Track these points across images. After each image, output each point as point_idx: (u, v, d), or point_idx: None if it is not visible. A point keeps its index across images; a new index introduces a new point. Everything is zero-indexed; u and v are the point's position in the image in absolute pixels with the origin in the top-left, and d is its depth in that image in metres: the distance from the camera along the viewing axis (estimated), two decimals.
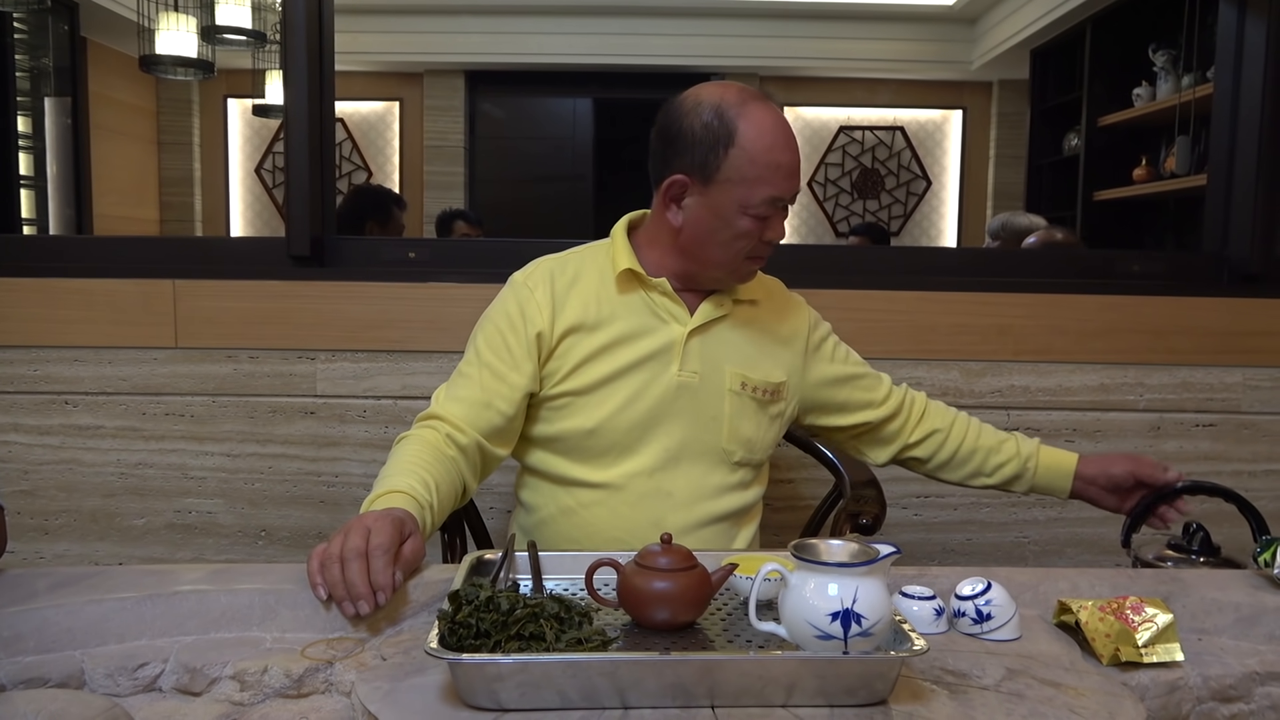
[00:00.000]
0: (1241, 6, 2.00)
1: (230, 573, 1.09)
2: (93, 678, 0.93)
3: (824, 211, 6.30)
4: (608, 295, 1.38)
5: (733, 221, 1.31)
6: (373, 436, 1.92)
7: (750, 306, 1.43)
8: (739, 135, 1.28)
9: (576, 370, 1.36)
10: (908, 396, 1.53)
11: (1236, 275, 2.00)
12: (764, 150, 1.28)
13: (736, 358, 1.40)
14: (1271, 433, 1.97)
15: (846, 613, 0.85)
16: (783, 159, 1.30)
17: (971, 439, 1.50)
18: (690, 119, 1.30)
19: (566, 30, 5.74)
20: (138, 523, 1.95)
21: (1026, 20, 5.15)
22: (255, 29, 3.65)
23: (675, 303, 1.38)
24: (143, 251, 2.01)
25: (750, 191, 1.29)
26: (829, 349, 1.50)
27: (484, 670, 0.83)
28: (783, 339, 1.45)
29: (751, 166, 1.28)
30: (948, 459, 1.51)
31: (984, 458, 1.49)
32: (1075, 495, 1.47)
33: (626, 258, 1.38)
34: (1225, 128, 2.02)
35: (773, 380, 1.41)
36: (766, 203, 1.30)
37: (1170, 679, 0.95)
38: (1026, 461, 1.47)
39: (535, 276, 1.40)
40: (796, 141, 1.33)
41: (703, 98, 1.32)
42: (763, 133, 1.29)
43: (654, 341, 1.37)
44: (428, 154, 6.19)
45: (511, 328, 1.36)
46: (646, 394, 1.36)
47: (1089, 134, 4.80)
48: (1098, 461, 1.45)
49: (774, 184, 1.29)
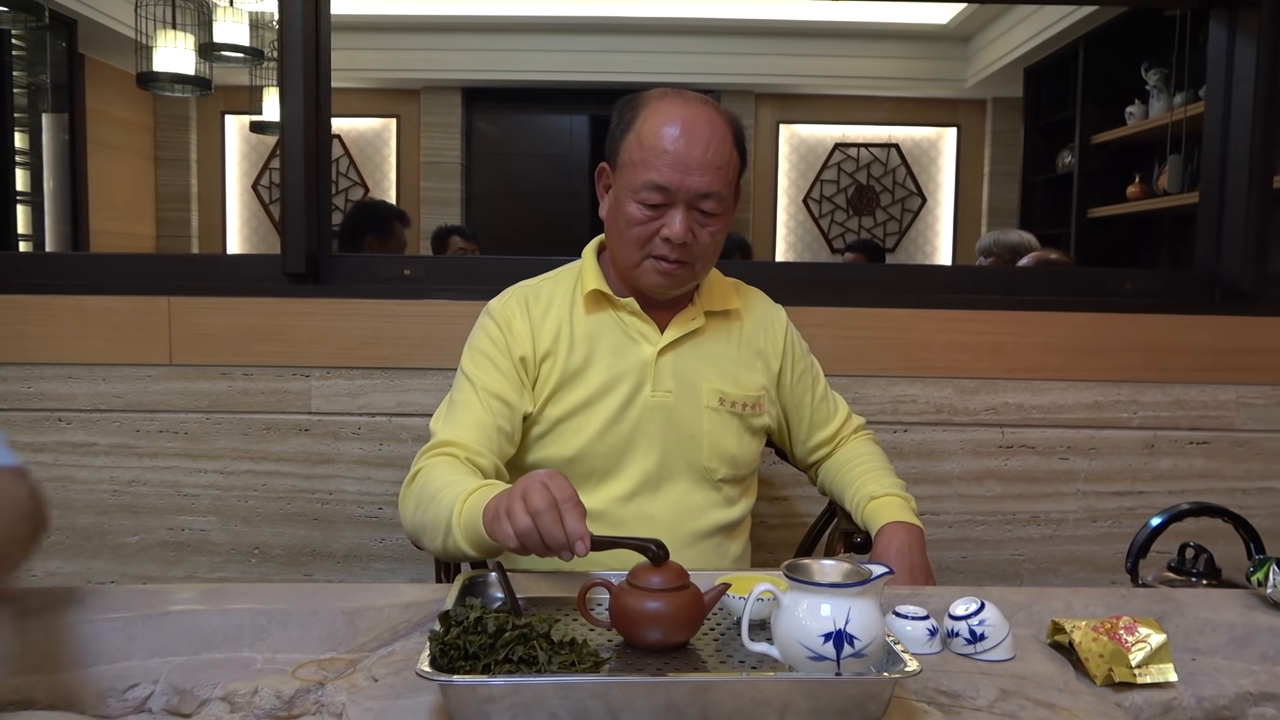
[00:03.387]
0: (1231, 26, 2.01)
1: (222, 592, 1.09)
2: (82, 698, 0.92)
3: (819, 228, 6.32)
4: (578, 318, 1.37)
5: (624, 207, 1.29)
6: (367, 454, 1.92)
7: (725, 318, 1.41)
8: (639, 119, 1.29)
9: (554, 397, 1.35)
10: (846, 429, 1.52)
11: (1229, 293, 2.00)
12: (653, 134, 1.26)
13: (713, 373, 1.38)
14: (1265, 450, 1.97)
15: (839, 633, 0.84)
16: (672, 147, 1.25)
17: (839, 479, 1.48)
18: (617, 110, 1.33)
19: (563, 48, 5.77)
20: (131, 540, 1.94)
21: (1020, 39, 5.19)
22: (253, 46, 3.67)
23: (645, 321, 1.36)
24: (138, 268, 2.01)
25: (635, 174, 1.27)
26: (800, 356, 1.49)
27: (475, 692, 0.82)
28: (760, 349, 1.43)
29: (639, 150, 1.27)
30: (825, 486, 1.53)
31: (840, 493, 1.47)
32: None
33: (594, 278, 1.37)
34: (1217, 146, 2.04)
35: (752, 393, 1.40)
36: (649, 188, 1.26)
37: (1164, 699, 0.95)
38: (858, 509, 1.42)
39: (511, 304, 1.39)
40: (707, 141, 1.26)
41: (637, 93, 1.34)
42: (662, 120, 1.27)
43: (625, 363, 1.35)
44: (424, 170, 6.20)
45: (499, 351, 1.35)
46: (623, 417, 1.34)
47: (1082, 151, 4.83)
48: (881, 546, 1.34)
49: (656, 169, 1.25)
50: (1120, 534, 1.96)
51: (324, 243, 1.96)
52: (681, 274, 1.32)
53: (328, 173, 1.97)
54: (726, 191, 1.30)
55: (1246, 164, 1.96)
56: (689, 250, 1.29)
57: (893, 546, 1.32)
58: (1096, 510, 1.98)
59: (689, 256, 1.30)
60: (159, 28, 3.51)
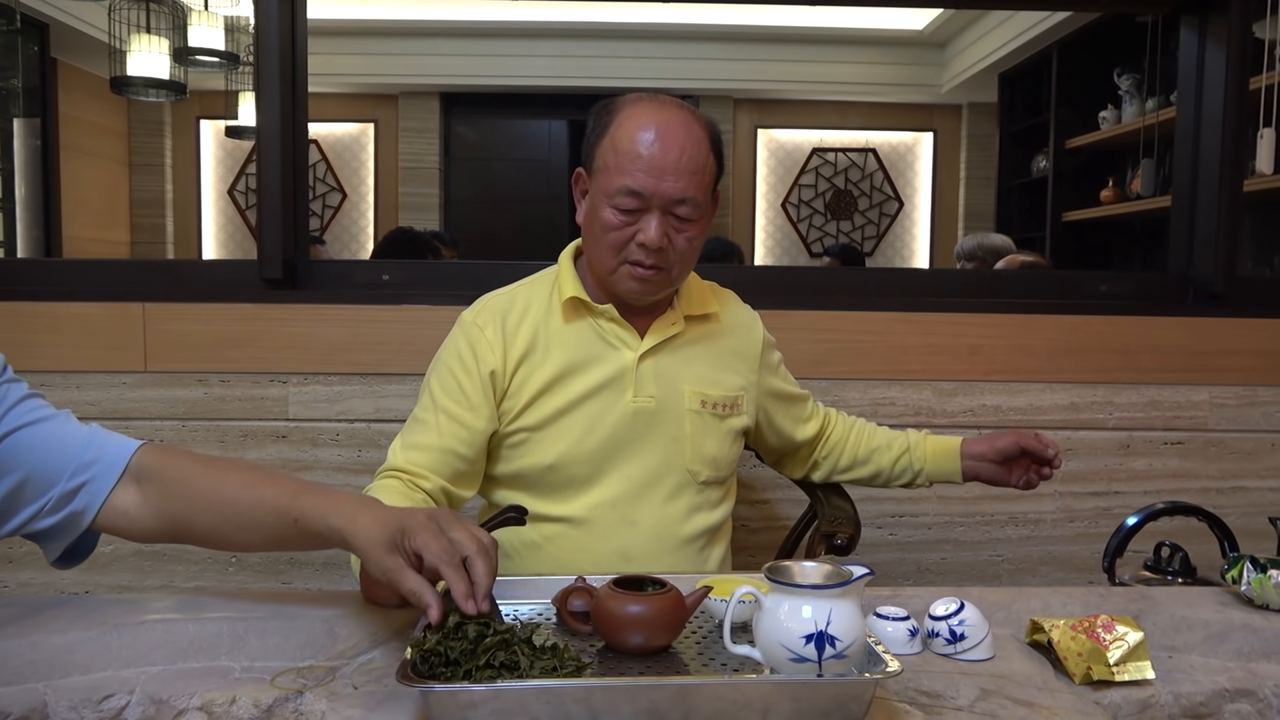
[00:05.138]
0: (1202, 32, 2.04)
1: (199, 601, 1.08)
2: (56, 710, 0.91)
3: (798, 233, 6.35)
4: (555, 326, 1.35)
5: (599, 211, 1.28)
6: (346, 460, 1.91)
7: (703, 321, 1.41)
8: (614, 123, 1.28)
9: (530, 406, 1.33)
10: (826, 419, 1.57)
11: (1201, 295, 2.03)
12: (628, 139, 1.26)
13: (694, 377, 1.38)
14: (1238, 450, 2.00)
15: (820, 635, 0.85)
16: (646, 152, 1.24)
17: (866, 442, 1.55)
18: (593, 115, 1.32)
19: (541, 53, 5.77)
20: (105, 550, 1.92)
21: (994, 45, 5.25)
22: (228, 50, 3.64)
23: (624, 328, 1.35)
24: (111, 274, 1.99)
25: (609, 179, 1.26)
26: (775, 364, 1.50)
27: (456, 698, 0.82)
28: (738, 351, 1.44)
29: (614, 154, 1.26)
30: (849, 465, 1.56)
31: (879, 458, 1.54)
32: (968, 476, 1.50)
33: (571, 285, 1.35)
34: (1188, 150, 2.06)
35: (731, 394, 1.40)
36: (623, 193, 1.25)
37: (1142, 697, 0.95)
38: (915, 450, 1.51)
39: (484, 314, 1.37)
40: (683, 146, 1.25)
41: (613, 98, 1.33)
42: (637, 125, 1.26)
43: (605, 370, 1.34)
44: (403, 175, 6.18)
45: (465, 369, 1.33)
46: (602, 424, 1.33)
47: (1057, 156, 4.88)
48: (982, 440, 1.49)
49: (630, 174, 1.24)
50: (1097, 534, 1.98)
51: (301, 248, 1.95)
52: (658, 280, 1.31)
53: (305, 178, 1.96)
54: (702, 197, 1.29)
55: (1218, 168, 1.99)
56: (664, 256, 1.28)
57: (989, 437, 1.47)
58: (1073, 510, 2.00)
59: (664, 262, 1.29)
60: (133, 32, 3.48)
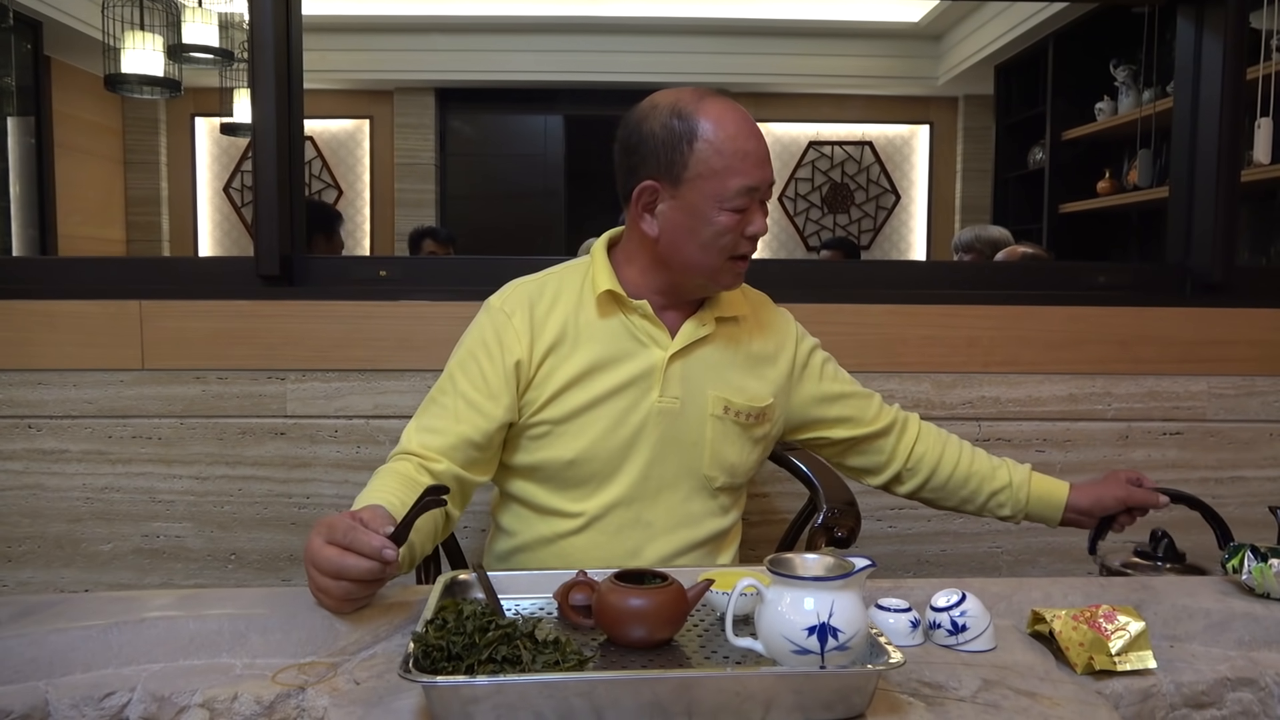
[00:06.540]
0: (1199, 23, 2.04)
1: (199, 598, 1.07)
2: (57, 709, 0.91)
3: (795, 226, 6.35)
4: (587, 319, 1.33)
5: (710, 218, 1.26)
6: (344, 457, 1.90)
7: (734, 324, 1.39)
8: (700, 129, 1.25)
9: (555, 398, 1.31)
10: (899, 415, 1.50)
11: (1199, 285, 2.03)
12: (728, 139, 1.25)
13: (719, 381, 1.35)
14: (1236, 440, 2.00)
15: (823, 627, 0.85)
16: (748, 146, 1.25)
17: (965, 464, 1.46)
18: (650, 123, 1.28)
19: (537, 48, 5.76)
20: (104, 548, 1.92)
21: (990, 36, 5.24)
22: (223, 47, 3.63)
23: (656, 325, 1.33)
24: (108, 272, 1.98)
25: (722, 184, 1.25)
26: (817, 365, 1.45)
27: (459, 692, 0.82)
28: (768, 357, 1.40)
29: (719, 157, 1.25)
30: (942, 483, 1.47)
31: (977, 484, 1.46)
32: (1065, 524, 1.44)
33: (607, 278, 1.33)
34: (1185, 141, 2.06)
35: (758, 404, 1.37)
36: (741, 193, 1.25)
37: (1144, 686, 0.95)
38: (1018, 491, 1.44)
39: (512, 301, 1.34)
40: (760, 132, 1.28)
41: (659, 102, 1.29)
42: (724, 123, 1.25)
43: (634, 367, 1.32)
44: (399, 172, 6.17)
45: (489, 356, 1.31)
46: (626, 422, 1.32)
47: (1053, 148, 4.88)
48: (1089, 491, 1.42)
49: (744, 172, 1.25)
50: None
51: (298, 244, 1.95)
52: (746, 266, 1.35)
53: (301, 174, 1.96)
54: None
55: (1215, 158, 1.99)
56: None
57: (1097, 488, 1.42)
58: None
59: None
60: (127, 29, 3.47)
